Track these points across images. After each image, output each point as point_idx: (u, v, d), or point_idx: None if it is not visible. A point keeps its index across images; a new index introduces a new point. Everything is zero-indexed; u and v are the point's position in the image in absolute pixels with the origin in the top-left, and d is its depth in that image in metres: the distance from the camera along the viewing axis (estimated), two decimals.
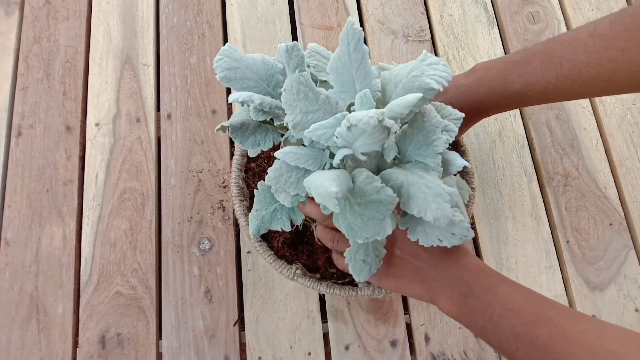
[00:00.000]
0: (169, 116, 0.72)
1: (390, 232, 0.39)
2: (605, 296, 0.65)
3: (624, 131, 0.73)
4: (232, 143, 0.71)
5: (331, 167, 0.40)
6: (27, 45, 0.75)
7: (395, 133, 0.42)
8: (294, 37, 0.78)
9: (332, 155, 0.40)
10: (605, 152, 0.72)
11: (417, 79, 0.37)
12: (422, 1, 0.80)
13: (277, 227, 0.48)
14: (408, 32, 0.78)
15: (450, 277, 0.43)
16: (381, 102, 0.39)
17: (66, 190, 0.68)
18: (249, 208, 0.58)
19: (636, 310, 0.65)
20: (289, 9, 0.79)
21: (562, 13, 0.80)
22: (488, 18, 0.79)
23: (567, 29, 0.79)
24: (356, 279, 0.47)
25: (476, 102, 0.50)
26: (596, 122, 0.73)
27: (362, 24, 0.79)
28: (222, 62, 0.42)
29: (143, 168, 0.69)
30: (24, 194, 0.67)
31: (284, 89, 0.38)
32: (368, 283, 0.53)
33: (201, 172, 0.69)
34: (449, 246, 0.40)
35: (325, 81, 0.43)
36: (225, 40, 0.77)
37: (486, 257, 0.66)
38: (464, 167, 0.43)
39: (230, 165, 0.65)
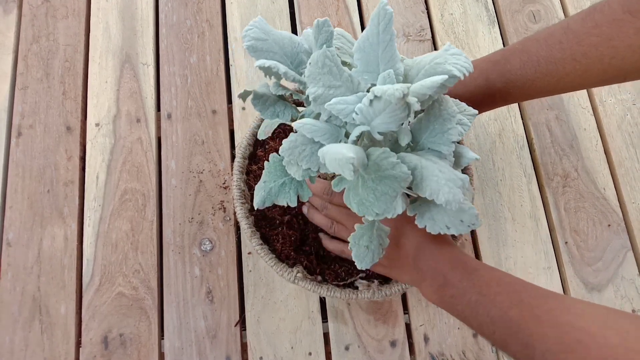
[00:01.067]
0: (169, 116, 0.72)
1: (400, 212, 0.40)
2: (603, 297, 0.66)
3: (623, 132, 0.73)
4: (232, 144, 0.71)
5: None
6: (26, 44, 0.75)
7: (411, 118, 0.43)
8: None
9: (347, 135, 0.40)
10: (605, 153, 0.72)
11: (439, 65, 0.39)
12: (423, 0, 0.80)
13: (283, 202, 0.47)
14: (409, 31, 0.78)
15: (430, 268, 0.46)
16: None
17: (67, 191, 0.68)
18: (250, 210, 0.58)
19: (633, 311, 0.65)
20: (289, 8, 0.79)
21: (563, 11, 0.80)
22: (489, 17, 0.79)
23: None
24: (358, 266, 0.47)
25: (462, 101, 0.51)
26: (596, 122, 0.73)
27: (362, 23, 0.79)
28: (251, 32, 0.42)
29: (144, 169, 0.69)
30: (24, 194, 0.67)
31: (309, 63, 0.38)
32: (368, 285, 0.54)
33: (202, 172, 0.69)
34: (456, 234, 0.43)
35: (347, 64, 0.44)
36: (225, 39, 0.77)
37: (485, 257, 0.67)
38: (475, 159, 0.44)
39: (231, 167, 0.65)
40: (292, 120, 0.45)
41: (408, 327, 0.64)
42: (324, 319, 0.64)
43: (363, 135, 0.39)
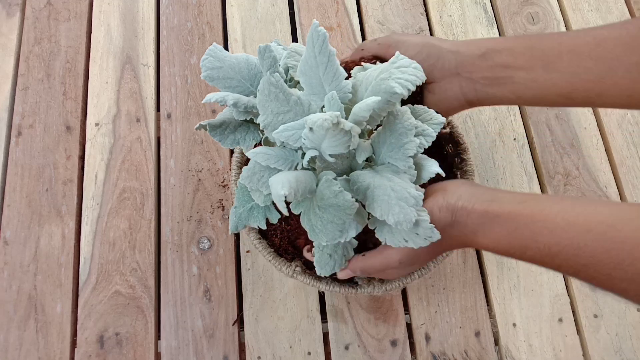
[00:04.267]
0: (168, 116, 0.72)
1: (353, 236, 0.39)
2: (606, 296, 0.64)
3: (624, 130, 0.73)
4: None
5: (303, 168, 0.40)
6: (28, 45, 0.75)
7: (371, 134, 0.42)
8: (294, 38, 0.78)
9: (304, 156, 0.40)
10: (606, 152, 0.72)
11: (383, 82, 0.38)
12: (422, 2, 0.81)
13: (254, 225, 0.48)
14: (408, 32, 0.78)
15: (478, 216, 0.39)
16: (353, 103, 0.39)
17: (66, 189, 0.68)
18: None
19: (638, 310, 0.64)
20: (289, 10, 0.79)
21: (562, 13, 0.80)
22: (487, 19, 0.79)
23: (567, 29, 0.79)
24: (318, 272, 0.46)
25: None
26: (596, 121, 0.73)
27: (361, 25, 0.79)
28: (207, 62, 0.43)
29: (143, 167, 0.69)
30: (23, 193, 0.67)
31: (258, 90, 0.38)
32: (368, 280, 0.53)
33: (201, 171, 0.69)
34: (415, 247, 0.39)
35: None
36: (225, 40, 0.77)
37: (486, 255, 0.66)
38: (437, 174, 0.42)
39: (230, 164, 0.65)
40: (256, 145, 0.45)
41: (409, 326, 0.63)
42: (324, 318, 0.63)
43: (316, 158, 0.39)
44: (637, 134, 0.72)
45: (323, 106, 0.39)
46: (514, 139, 0.72)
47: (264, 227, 0.48)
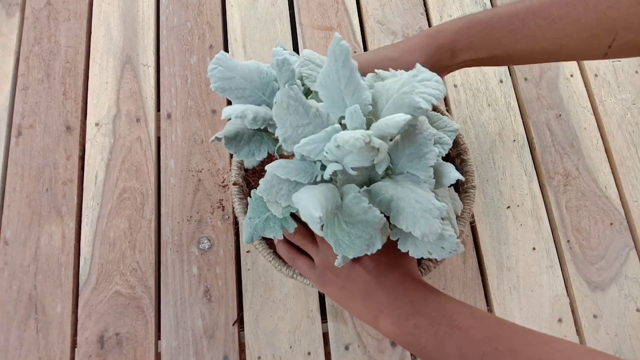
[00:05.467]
0: (169, 116, 0.72)
1: (380, 247, 0.39)
2: (606, 296, 0.65)
3: (624, 131, 0.73)
4: None
5: (322, 179, 0.40)
6: (28, 45, 0.75)
7: (388, 144, 0.42)
8: (294, 38, 0.78)
9: (323, 167, 0.39)
10: (606, 152, 0.72)
11: (407, 95, 0.37)
12: (422, 2, 0.81)
13: (270, 235, 0.47)
14: (408, 32, 0.78)
15: (393, 294, 0.42)
16: (373, 115, 0.39)
17: (66, 189, 0.68)
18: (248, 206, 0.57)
19: (637, 310, 0.64)
20: (289, 10, 0.79)
21: None
22: None
23: None
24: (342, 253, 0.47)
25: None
26: (596, 121, 0.73)
27: (361, 25, 0.79)
28: (216, 72, 0.41)
29: (143, 168, 0.69)
30: (23, 193, 0.67)
31: (275, 102, 0.37)
32: None
33: (201, 171, 0.69)
34: (439, 259, 0.40)
35: (317, 92, 0.43)
36: (225, 40, 0.77)
37: (486, 256, 0.66)
38: (458, 180, 0.42)
39: (230, 164, 0.65)
40: (269, 155, 0.44)
41: None
42: (324, 318, 0.63)
43: (337, 172, 0.39)
44: (637, 134, 0.73)
45: (342, 117, 0.39)
46: (514, 140, 0.72)
47: (281, 238, 0.47)
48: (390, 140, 0.42)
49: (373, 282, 0.43)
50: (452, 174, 0.41)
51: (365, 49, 0.77)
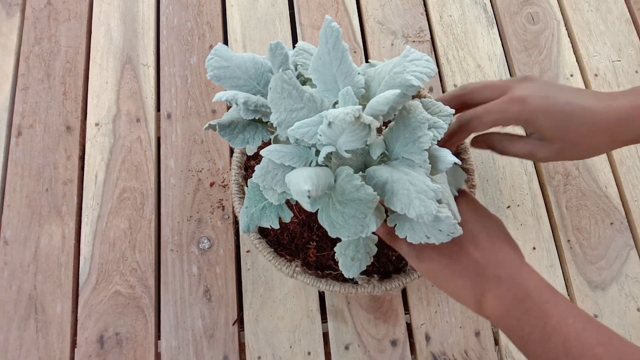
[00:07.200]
0: (169, 116, 0.72)
1: (374, 230, 0.38)
2: (606, 295, 0.64)
3: None
4: None
5: (317, 164, 0.40)
6: (28, 45, 0.75)
7: (381, 130, 0.42)
8: (294, 38, 0.78)
9: (318, 153, 0.40)
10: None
11: (398, 75, 0.38)
12: (422, 2, 0.81)
13: (266, 225, 0.48)
14: (408, 32, 0.78)
15: (508, 277, 0.40)
16: (366, 99, 0.39)
17: (66, 189, 0.68)
18: None
19: (638, 310, 0.64)
20: (289, 10, 0.79)
21: (562, 13, 0.80)
22: (487, 19, 0.79)
23: (567, 29, 0.79)
24: (345, 275, 0.47)
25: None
26: None
27: (361, 25, 0.79)
28: (213, 62, 0.42)
29: (143, 167, 0.69)
30: (23, 193, 0.67)
31: (269, 88, 0.38)
32: (368, 280, 0.53)
33: (201, 171, 0.69)
34: (437, 243, 0.39)
35: (311, 80, 0.43)
36: (225, 40, 0.77)
37: None
38: (461, 166, 0.42)
39: (230, 164, 0.65)
40: (264, 142, 0.44)
41: (409, 326, 0.63)
42: (324, 318, 0.63)
43: (331, 154, 0.39)
44: None
45: (336, 102, 0.39)
46: None
47: (277, 227, 0.47)
48: (385, 126, 0.42)
49: (486, 261, 0.41)
50: (448, 157, 0.41)
51: (365, 49, 0.77)
